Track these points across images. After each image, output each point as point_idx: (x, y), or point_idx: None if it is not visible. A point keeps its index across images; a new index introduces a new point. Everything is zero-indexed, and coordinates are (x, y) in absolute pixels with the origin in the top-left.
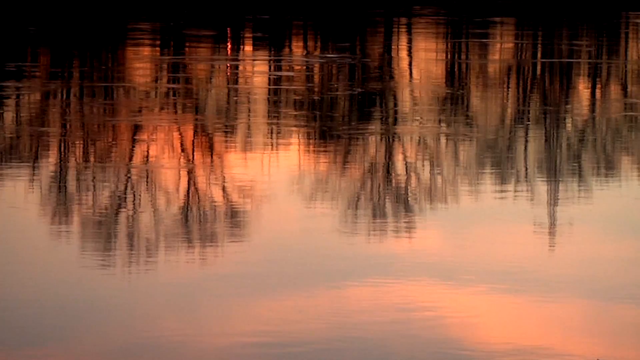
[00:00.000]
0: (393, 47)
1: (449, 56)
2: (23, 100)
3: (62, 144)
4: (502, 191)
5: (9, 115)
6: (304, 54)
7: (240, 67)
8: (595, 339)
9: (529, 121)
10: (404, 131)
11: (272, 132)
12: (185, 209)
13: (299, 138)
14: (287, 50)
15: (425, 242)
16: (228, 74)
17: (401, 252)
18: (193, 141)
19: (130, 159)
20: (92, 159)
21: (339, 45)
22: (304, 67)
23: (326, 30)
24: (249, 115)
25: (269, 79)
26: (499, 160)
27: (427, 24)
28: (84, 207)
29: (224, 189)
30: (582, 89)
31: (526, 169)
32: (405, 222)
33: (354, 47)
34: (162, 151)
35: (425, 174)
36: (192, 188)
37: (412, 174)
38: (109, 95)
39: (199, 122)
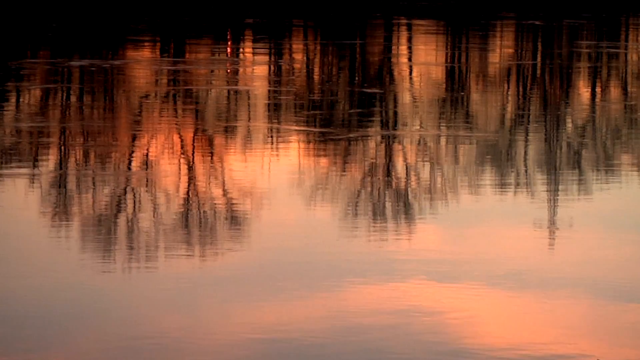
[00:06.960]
0: (393, 47)
1: (448, 58)
2: (22, 102)
3: (62, 146)
4: (502, 191)
5: (8, 117)
6: (302, 55)
7: (240, 70)
8: (596, 338)
9: (529, 122)
10: (403, 132)
11: (271, 134)
12: (186, 210)
13: (298, 139)
14: (286, 51)
15: (425, 242)
16: (228, 74)
17: (401, 252)
18: (193, 142)
19: (130, 160)
20: (91, 160)
21: (338, 44)
22: (302, 68)
23: (325, 30)
24: (248, 117)
25: (268, 81)
26: (499, 161)
27: (426, 26)
28: (83, 207)
29: (224, 190)
30: (582, 90)
31: (526, 169)
32: (405, 222)
33: (353, 48)
34: (162, 152)
35: (425, 174)
36: (191, 189)
37: (412, 175)
38: (108, 98)
39: (198, 123)
